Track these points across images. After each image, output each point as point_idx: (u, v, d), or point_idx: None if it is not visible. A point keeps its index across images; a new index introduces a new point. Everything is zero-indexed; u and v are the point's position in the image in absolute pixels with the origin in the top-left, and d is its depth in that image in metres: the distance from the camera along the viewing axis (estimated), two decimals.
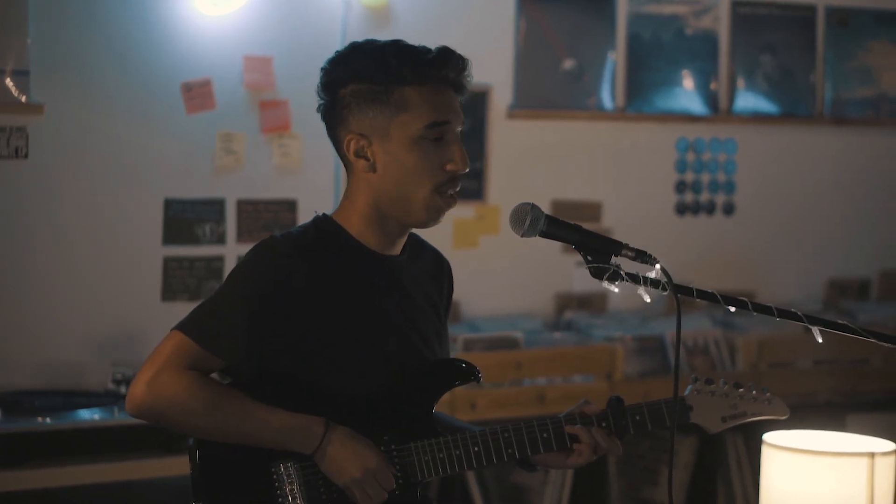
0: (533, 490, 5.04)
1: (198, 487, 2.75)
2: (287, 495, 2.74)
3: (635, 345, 5.22)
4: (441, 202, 2.81)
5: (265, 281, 2.73)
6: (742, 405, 2.96)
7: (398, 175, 2.78)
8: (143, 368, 2.69)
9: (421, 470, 2.82)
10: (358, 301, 2.81)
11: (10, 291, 4.43)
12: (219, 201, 4.74)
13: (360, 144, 2.79)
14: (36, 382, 4.43)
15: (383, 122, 2.76)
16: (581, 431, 2.87)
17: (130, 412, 2.70)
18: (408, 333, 2.87)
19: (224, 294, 2.76)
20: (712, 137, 5.81)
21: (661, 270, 2.70)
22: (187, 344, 2.70)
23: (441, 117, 2.77)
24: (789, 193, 5.98)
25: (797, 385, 5.43)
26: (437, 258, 3.04)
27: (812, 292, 6.00)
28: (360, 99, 2.77)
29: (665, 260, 5.49)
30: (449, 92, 2.80)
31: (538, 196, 5.25)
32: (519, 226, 2.76)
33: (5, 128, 4.38)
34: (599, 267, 2.73)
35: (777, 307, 2.73)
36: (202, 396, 2.69)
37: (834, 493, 3.79)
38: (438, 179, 2.79)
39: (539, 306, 5.46)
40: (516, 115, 5.35)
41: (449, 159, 2.79)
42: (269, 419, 2.72)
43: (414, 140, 2.76)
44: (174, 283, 4.62)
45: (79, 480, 4.00)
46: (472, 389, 4.81)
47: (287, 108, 4.79)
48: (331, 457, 2.74)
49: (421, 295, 2.94)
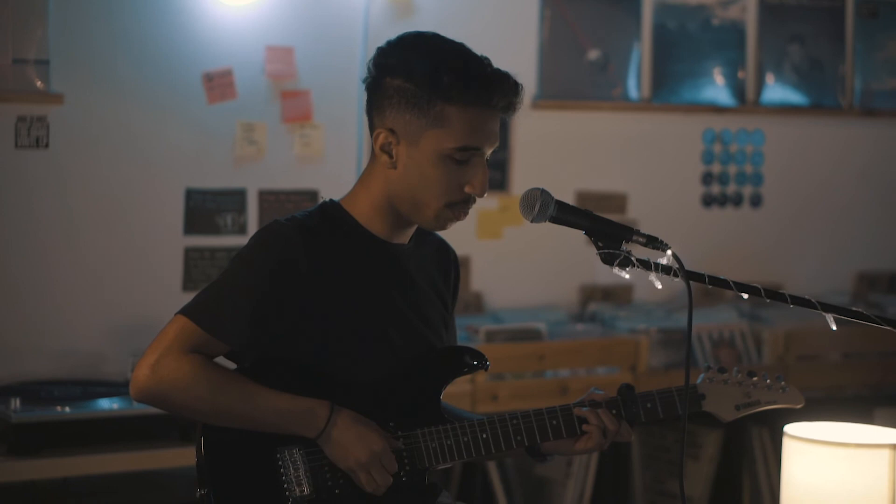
0: (556, 483, 5.02)
1: (203, 474, 2.75)
2: (293, 481, 2.73)
3: (660, 337, 5.18)
4: (451, 215, 2.80)
5: (270, 265, 2.72)
6: (756, 393, 2.94)
7: (415, 182, 2.77)
8: (147, 352, 2.69)
9: (428, 456, 2.81)
10: (363, 287, 2.80)
11: (30, 281, 4.43)
12: (240, 191, 4.73)
13: (388, 140, 2.77)
14: (55, 372, 4.43)
15: (417, 129, 2.74)
16: (588, 414, 2.85)
17: (134, 396, 2.70)
18: (413, 320, 2.86)
19: (228, 278, 2.75)
20: (739, 129, 5.76)
21: (672, 256, 2.66)
22: (191, 328, 2.69)
23: (474, 143, 2.74)
24: (817, 185, 5.93)
25: (824, 378, 5.39)
26: (442, 247, 3.03)
27: (841, 285, 5.95)
28: (402, 97, 2.74)
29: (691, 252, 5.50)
30: (493, 115, 2.77)
31: (563, 187, 5.25)
32: (529, 211, 2.75)
33: (26, 117, 4.38)
34: (610, 253, 2.71)
35: (791, 295, 2.70)
36: (206, 380, 2.68)
37: (855, 484, 3.75)
38: (453, 198, 2.78)
39: (563, 298, 5.43)
40: (541, 106, 5.32)
41: (469, 182, 2.77)
42: (274, 402, 2.71)
43: (441, 156, 2.74)
44: (195, 274, 4.62)
45: (97, 469, 4.00)
46: (493, 381, 4.80)
47: (308, 98, 4.78)
48: (336, 440, 2.73)
49: (426, 283, 2.92)
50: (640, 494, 5.16)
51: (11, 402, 4.00)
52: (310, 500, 2.73)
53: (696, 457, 5.30)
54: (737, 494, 5.31)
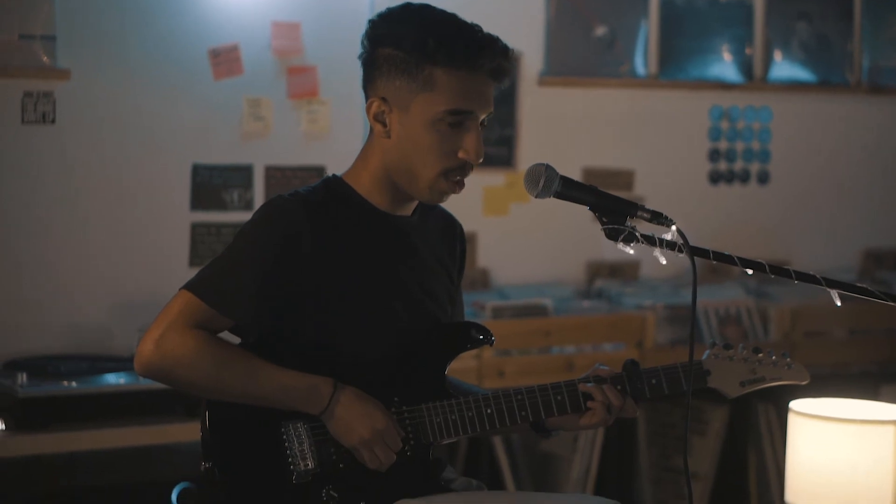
0: (562, 458, 5.03)
1: (207, 448, 2.76)
2: (297, 455, 2.73)
3: (666, 313, 5.18)
4: (445, 186, 2.79)
5: (274, 240, 2.72)
6: (761, 370, 2.93)
7: (409, 150, 2.76)
8: (152, 328, 2.69)
9: (433, 431, 2.81)
10: (367, 261, 2.80)
11: (37, 256, 4.43)
12: (246, 167, 4.73)
13: (380, 109, 2.78)
14: (62, 347, 4.43)
15: (408, 94, 2.74)
16: (593, 389, 2.85)
17: (138, 371, 2.71)
18: (418, 295, 2.86)
19: (232, 253, 2.75)
20: (747, 105, 5.75)
21: (677, 232, 2.66)
22: (195, 303, 2.70)
23: (464, 106, 2.73)
24: (825, 162, 5.92)
25: (831, 355, 5.40)
26: (448, 220, 3.02)
27: (847, 262, 5.95)
28: (392, 65, 2.74)
29: (698, 228, 5.51)
30: (483, 80, 2.75)
31: (569, 164, 5.25)
32: (533, 186, 2.74)
33: (32, 93, 4.38)
34: (615, 228, 2.70)
35: (795, 271, 2.70)
36: (210, 356, 2.68)
37: (859, 460, 3.76)
38: (447, 165, 2.77)
39: (570, 274, 5.43)
40: (547, 82, 5.31)
41: (463, 147, 2.76)
42: (277, 379, 2.72)
43: (432, 121, 2.74)
44: (202, 249, 4.62)
45: (103, 444, 4.01)
46: (500, 357, 4.80)
47: (315, 74, 4.77)
48: (339, 417, 2.73)
49: (431, 256, 2.92)
50: (646, 470, 5.17)
51: (18, 376, 4.01)
52: (314, 473, 2.73)
53: (702, 433, 5.31)
54: (743, 470, 5.32)
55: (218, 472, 2.73)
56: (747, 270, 2.70)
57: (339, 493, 2.75)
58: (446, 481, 2.89)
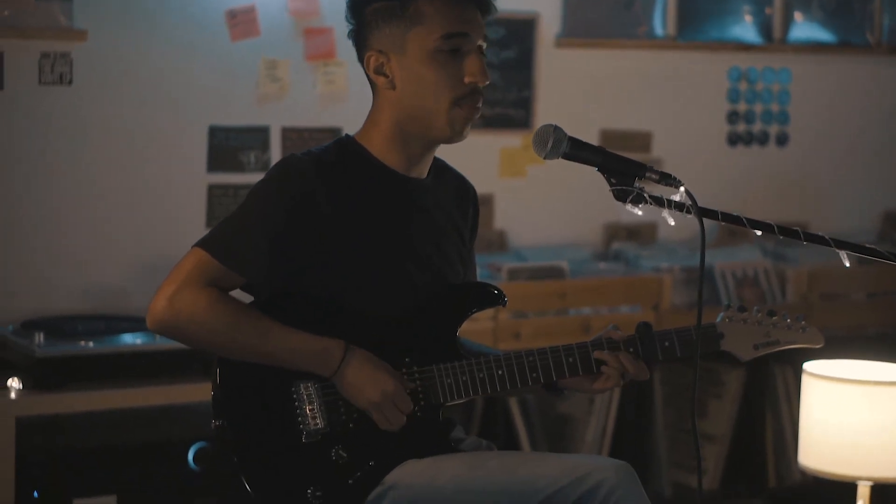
0: (578, 420, 5.04)
1: (218, 405, 2.77)
2: (307, 414, 2.75)
3: (683, 275, 5.18)
4: (462, 113, 2.79)
5: (287, 198, 2.73)
6: (775, 333, 2.92)
7: (416, 90, 2.77)
8: (164, 284, 2.71)
9: (443, 392, 2.82)
10: (380, 221, 2.80)
11: (53, 216, 4.46)
12: (263, 129, 4.74)
13: (379, 61, 2.79)
14: (79, 307, 4.46)
15: (399, 36, 2.76)
16: (608, 356, 2.85)
17: (150, 327, 2.73)
18: (431, 255, 2.87)
19: (245, 211, 2.77)
20: (766, 67, 5.73)
21: (685, 193, 2.66)
22: (208, 261, 2.71)
23: (456, 28, 2.75)
24: (844, 124, 5.90)
25: (848, 317, 5.39)
26: (461, 183, 3.02)
27: (867, 224, 5.93)
28: (379, 16, 2.77)
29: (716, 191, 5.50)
30: (468, 6, 2.78)
31: (587, 126, 5.24)
32: (542, 147, 2.74)
33: (49, 54, 4.39)
34: (623, 189, 2.70)
35: (804, 231, 2.70)
36: (222, 314, 2.70)
37: (873, 421, 3.76)
38: (457, 93, 2.77)
39: (587, 237, 5.43)
40: (564, 44, 5.29)
41: (468, 72, 2.77)
42: (289, 340, 2.73)
43: (430, 53, 2.76)
44: (218, 211, 4.64)
45: (120, 404, 4.03)
46: (516, 319, 4.81)
47: (332, 36, 4.77)
48: (349, 380, 2.74)
49: (445, 218, 2.92)
50: (662, 432, 5.17)
51: (35, 336, 4.04)
52: (323, 433, 2.75)
53: (718, 395, 5.31)
54: (760, 433, 5.32)
55: (228, 429, 2.75)
56: (756, 231, 2.70)
57: (348, 452, 2.76)
58: (456, 441, 2.90)
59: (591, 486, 2.63)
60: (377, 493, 2.75)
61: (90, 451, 3.99)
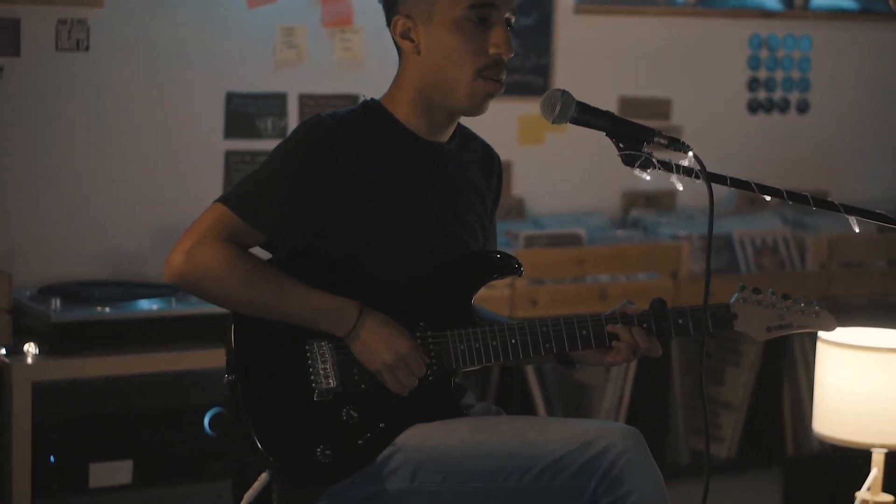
0: (594, 388, 5.04)
1: (231, 362, 2.78)
2: (319, 373, 2.76)
3: (702, 243, 5.16)
4: (483, 86, 2.79)
5: (310, 157, 2.74)
6: (789, 316, 2.94)
7: (440, 58, 2.78)
8: (183, 238, 2.73)
9: (456, 358, 2.82)
10: (401, 185, 2.81)
11: (70, 182, 4.47)
12: (280, 95, 4.74)
13: (406, 26, 2.80)
14: (96, 273, 4.48)
15: (428, 4, 2.77)
16: (621, 331, 2.86)
17: (168, 280, 2.74)
18: (450, 221, 2.87)
19: (268, 169, 2.78)
20: (787, 34, 5.70)
21: (694, 158, 2.65)
22: (228, 216, 2.73)
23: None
24: (866, 92, 5.87)
25: (868, 285, 5.37)
26: (486, 151, 3.03)
27: (888, 193, 5.91)
28: None
29: (737, 158, 5.48)
30: None
31: (606, 93, 5.22)
32: (550, 112, 2.74)
33: (66, 20, 4.39)
34: (631, 154, 2.70)
35: (813, 197, 2.69)
36: (239, 269, 2.71)
37: (887, 389, 3.75)
38: (480, 63, 2.78)
39: (605, 204, 5.42)
40: (583, 10, 5.28)
41: (493, 43, 2.77)
42: (305, 298, 2.74)
43: (456, 21, 2.76)
44: (236, 177, 4.64)
45: (136, 369, 4.04)
46: (533, 285, 4.81)
47: (349, 3, 4.77)
48: (363, 341, 2.75)
49: (467, 184, 2.93)
50: (679, 399, 5.17)
51: (52, 302, 4.05)
52: (335, 392, 2.76)
53: (736, 363, 5.30)
54: (778, 401, 5.32)
55: (240, 385, 2.76)
56: (765, 197, 2.69)
57: (359, 412, 2.77)
58: (466, 407, 2.91)
59: (599, 451, 2.64)
60: (386, 454, 2.76)
61: (106, 417, 4.01)
